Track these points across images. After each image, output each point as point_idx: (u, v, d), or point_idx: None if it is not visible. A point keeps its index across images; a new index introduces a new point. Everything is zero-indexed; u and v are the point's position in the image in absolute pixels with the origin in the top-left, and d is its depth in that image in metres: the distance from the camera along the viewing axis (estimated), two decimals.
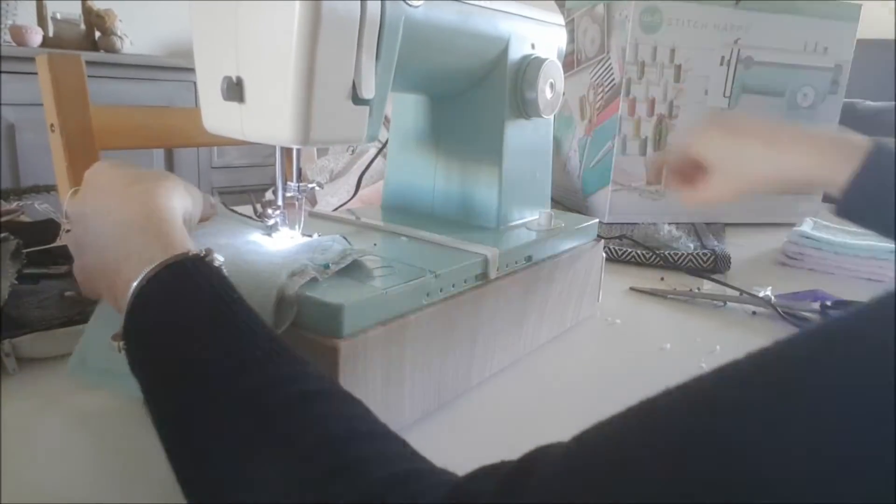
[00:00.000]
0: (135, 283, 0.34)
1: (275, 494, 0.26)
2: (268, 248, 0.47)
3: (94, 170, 0.43)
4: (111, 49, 2.30)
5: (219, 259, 0.37)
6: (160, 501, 0.36)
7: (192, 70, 2.17)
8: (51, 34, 2.24)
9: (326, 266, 0.43)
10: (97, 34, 2.31)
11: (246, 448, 0.28)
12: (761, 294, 0.75)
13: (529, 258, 0.57)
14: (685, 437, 0.20)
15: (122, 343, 0.34)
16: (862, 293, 0.81)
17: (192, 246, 0.36)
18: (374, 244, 0.49)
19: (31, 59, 1.18)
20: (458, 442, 0.45)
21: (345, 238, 0.49)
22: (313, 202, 1.06)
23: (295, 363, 0.31)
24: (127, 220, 0.37)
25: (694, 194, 0.60)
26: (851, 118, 2.07)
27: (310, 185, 0.51)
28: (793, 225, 1.01)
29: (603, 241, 0.70)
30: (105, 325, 0.45)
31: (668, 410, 0.22)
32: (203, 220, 0.48)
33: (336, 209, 0.73)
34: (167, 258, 0.34)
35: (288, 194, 0.50)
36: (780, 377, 0.20)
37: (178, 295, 0.34)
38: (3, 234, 0.54)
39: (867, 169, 0.48)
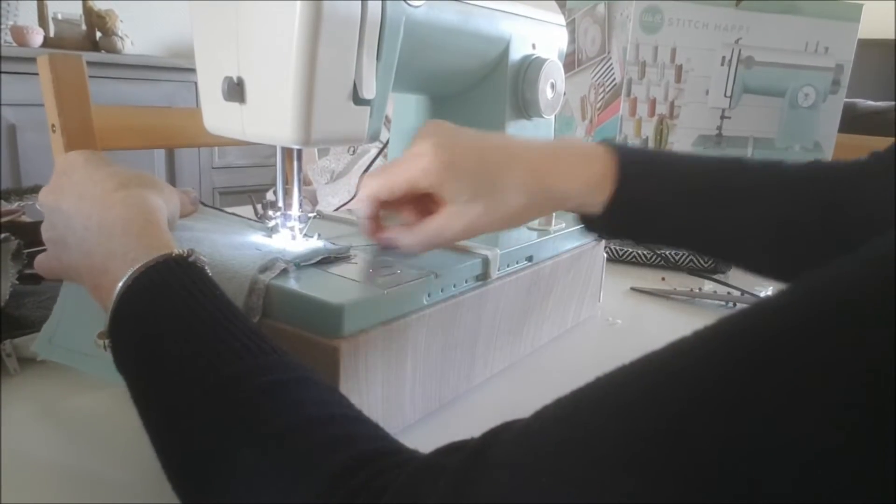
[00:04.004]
0: (120, 283, 0.35)
1: (251, 476, 0.28)
2: (242, 241, 0.48)
3: (68, 161, 0.43)
4: (112, 49, 2.30)
5: (202, 259, 0.38)
6: (160, 501, 0.36)
7: (192, 70, 2.17)
8: (52, 34, 2.24)
9: (297, 265, 0.44)
10: (98, 34, 2.31)
11: (224, 434, 0.29)
12: (762, 294, 0.75)
13: (530, 258, 0.57)
14: (634, 405, 0.21)
15: (107, 341, 0.35)
16: None
17: (175, 246, 0.37)
18: (351, 246, 0.50)
19: (33, 60, 1.18)
20: None
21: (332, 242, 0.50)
22: (314, 203, 1.06)
23: (272, 354, 0.32)
24: (112, 222, 0.38)
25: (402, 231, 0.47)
26: (852, 118, 2.07)
27: (310, 215, 0.51)
28: None
29: (604, 241, 0.70)
30: (70, 306, 0.47)
31: (620, 382, 0.23)
32: (184, 215, 0.49)
33: (337, 209, 0.73)
34: (152, 258, 0.35)
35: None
36: (733, 348, 0.20)
37: (162, 293, 0.35)
38: (4, 235, 0.54)
39: (622, 186, 0.45)
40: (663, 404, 0.20)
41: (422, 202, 0.48)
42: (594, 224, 0.48)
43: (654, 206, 0.46)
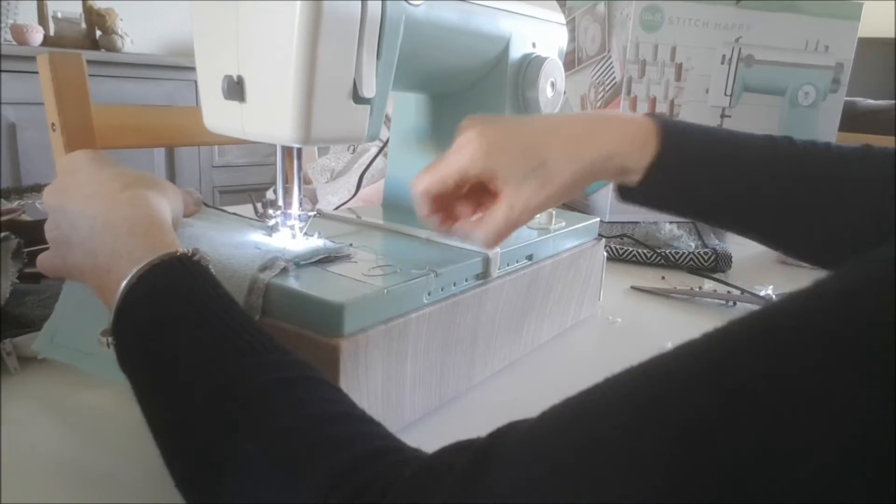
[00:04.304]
0: (125, 282, 0.35)
1: (254, 473, 0.28)
2: (241, 240, 0.48)
3: (73, 161, 0.44)
4: (112, 48, 2.30)
5: (207, 258, 0.38)
6: (161, 500, 0.36)
7: (192, 69, 2.16)
8: (52, 33, 2.24)
9: (297, 264, 0.44)
10: (98, 33, 2.31)
11: (227, 431, 0.29)
12: (762, 293, 0.75)
13: (530, 257, 0.57)
14: (643, 408, 0.21)
15: (110, 338, 0.35)
16: None
17: (180, 246, 0.37)
18: (351, 244, 0.50)
19: (32, 58, 1.18)
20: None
21: (331, 241, 0.50)
22: (314, 201, 1.06)
23: (276, 352, 0.33)
24: (117, 222, 0.38)
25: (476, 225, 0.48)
26: (852, 116, 2.07)
27: (310, 214, 0.51)
28: None
29: (604, 239, 0.70)
30: (72, 305, 0.47)
31: (628, 384, 0.23)
32: (187, 215, 0.49)
33: (337, 208, 0.73)
34: (156, 257, 0.36)
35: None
36: (736, 351, 0.20)
37: (166, 292, 0.35)
38: (4, 234, 0.54)
39: (666, 147, 0.45)
40: (672, 407, 0.20)
41: (476, 200, 0.48)
42: (634, 193, 0.48)
43: (698, 169, 0.46)
